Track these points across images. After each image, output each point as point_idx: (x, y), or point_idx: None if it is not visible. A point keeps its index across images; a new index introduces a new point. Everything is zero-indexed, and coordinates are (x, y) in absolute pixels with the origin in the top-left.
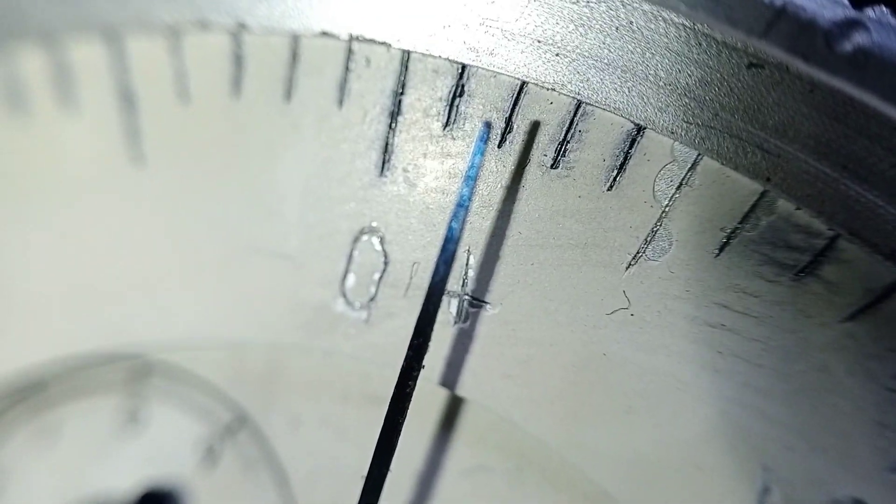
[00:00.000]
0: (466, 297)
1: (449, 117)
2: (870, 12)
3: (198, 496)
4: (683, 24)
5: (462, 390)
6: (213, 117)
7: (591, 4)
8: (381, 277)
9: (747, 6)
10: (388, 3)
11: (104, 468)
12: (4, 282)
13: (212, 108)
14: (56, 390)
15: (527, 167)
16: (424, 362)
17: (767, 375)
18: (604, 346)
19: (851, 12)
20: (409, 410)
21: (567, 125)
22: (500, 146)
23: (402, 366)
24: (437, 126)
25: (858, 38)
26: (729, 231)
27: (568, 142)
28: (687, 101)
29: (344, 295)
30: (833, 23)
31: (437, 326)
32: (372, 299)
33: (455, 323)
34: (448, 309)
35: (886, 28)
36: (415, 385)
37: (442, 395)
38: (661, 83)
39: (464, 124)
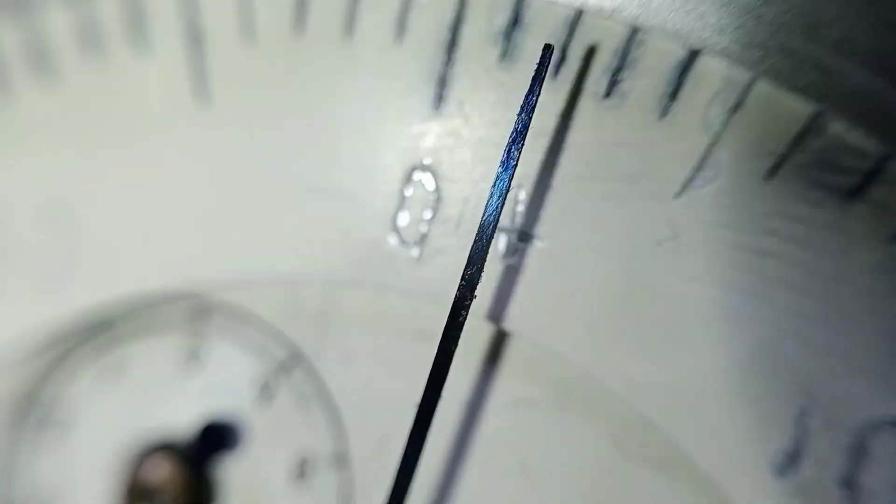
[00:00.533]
0: (515, 231)
1: (505, 49)
2: None
3: (254, 429)
4: None
5: (509, 324)
6: (276, 55)
7: None
8: (433, 214)
9: None
10: None
11: (167, 404)
12: (76, 220)
13: (275, 46)
14: (121, 329)
15: (580, 98)
16: (476, 293)
17: (811, 300)
18: (650, 277)
19: None
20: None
21: (622, 53)
22: (554, 77)
23: (455, 295)
24: (492, 58)
25: None
26: (779, 155)
27: (622, 70)
28: (745, 19)
29: (396, 232)
30: None
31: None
32: (424, 236)
33: (504, 257)
34: (497, 244)
35: None
36: (467, 314)
37: (489, 329)
38: (719, 3)
39: (520, 55)
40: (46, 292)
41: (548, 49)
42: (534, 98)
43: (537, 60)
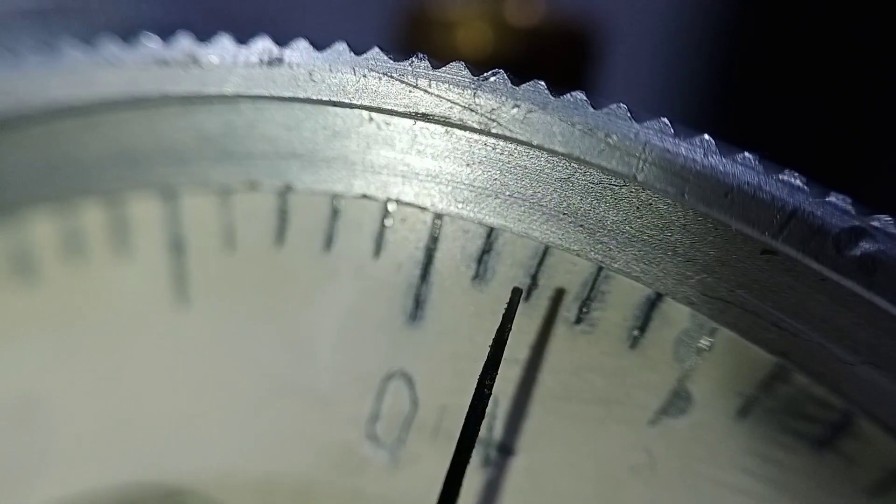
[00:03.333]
0: (494, 444)
1: (477, 272)
2: (874, 221)
3: None
4: (700, 211)
5: None
6: (256, 264)
7: (614, 187)
8: (409, 421)
9: (761, 208)
10: (425, 176)
11: None
12: (46, 415)
13: (255, 256)
14: None
15: (552, 323)
16: None
17: None
18: (627, 503)
19: (857, 221)
20: None
21: (590, 286)
22: (526, 300)
23: None
24: (466, 279)
25: (866, 246)
26: (748, 397)
27: (591, 301)
28: (704, 276)
29: (372, 436)
30: (841, 229)
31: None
32: (400, 442)
33: (482, 468)
34: (475, 455)
35: (891, 237)
36: None
37: None
38: (679, 258)
39: (492, 278)
40: (12, 489)
41: (516, 292)
42: (505, 334)
43: (509, 284)
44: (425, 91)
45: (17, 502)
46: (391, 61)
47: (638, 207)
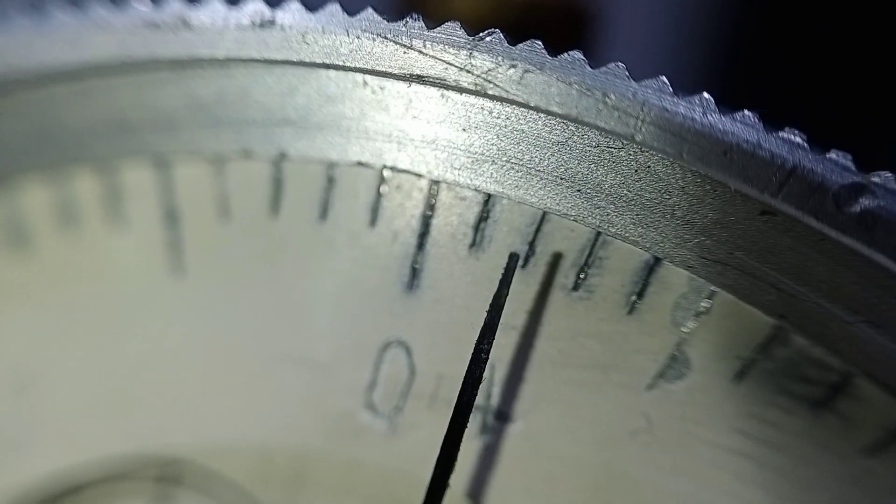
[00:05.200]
0: (492, 411)
1: (474, 240)
2: (875, 177)
3: None
4: (699, 172)
5: (486, 503)
6: (251, 234)
7: (612, 149)
8: (407, 389)
9: (760, 166)
10: (421, 142)
11: None
12: (45, 386)
13: (250, 226)
14: (89, 494)
15: (549, 289)
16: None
17: None
18: (625, 466)
19: (857, 177)
20: None
21: (587, 252)
22: (523, 267)
23: (429, 485)
24: (463, 248)
25: (865, 202)
26: (746, 360)
27: (588, 267)
28: (703, 238)
29: (370, 404)
30: (841, 185)
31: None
32: (397, 410)
33: (480, 435)
34: (472, 421)
35: (892, 192)
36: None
37: None
38: (677, 221)
39: (489, 246)
40: (11, 459)
41: (513, 257)
42: (502, 300)
43: (506, 252)
44: (420, 52)
45: (15, 473)
46: (385, 22)
47: (636, 170)
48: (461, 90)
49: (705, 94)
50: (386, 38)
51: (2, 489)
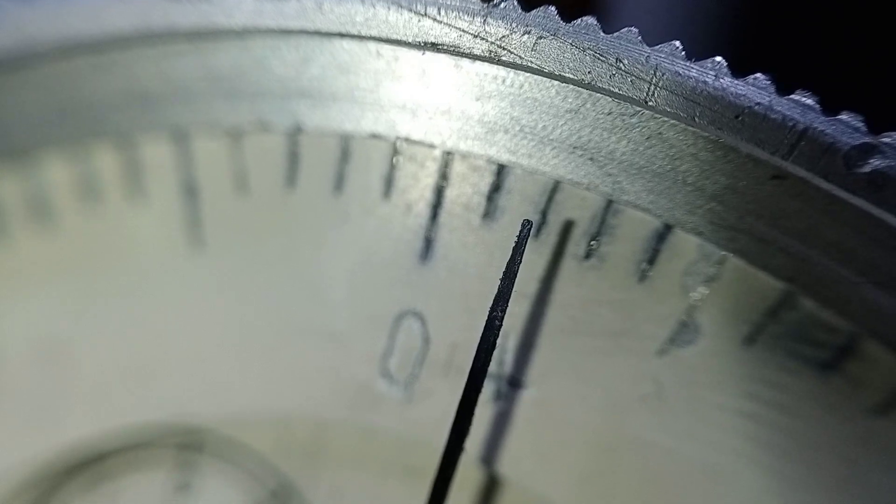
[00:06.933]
0: (505, 378)
1: (487, 209)
2: (885, 138)
3: None
4: (710, 137)
5: (499, 468)
6: (268, 207)
7: (624, 116)
8: (421, 358)
9: (771, 129)
10: (434, 112)
11: None
12: (70, 356)
13: (267, 200)
14: (113, 462)
15: (561, 258)
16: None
17: (794, 465)
18: (636, 431)
19: (868, 138)
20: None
21: (599, 220)
22: (536, 237)
23: (444, 450)
24: (476, 218)
25: (875, 162)
26: (756, 324)
27: (600, 235)
28: (714, 204)
29: (386, 373)
30: (852, 146)
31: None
32: (413, 378)
33: (493, 402)
34: (486, 388)
35: None
36: (456, 470)
37: (480, 470)
38: (689, 188)
39: (502, 216)
40: (38, 427)
41: (526, 225)
42: (515, 266)
43: (519, 222)
44: (434, 19)
45: (41, 441)
46: None
47: (648, 137)
48: (475, 58)
49: (717, 58)
50: (400, 5)
51: (29, 457)
